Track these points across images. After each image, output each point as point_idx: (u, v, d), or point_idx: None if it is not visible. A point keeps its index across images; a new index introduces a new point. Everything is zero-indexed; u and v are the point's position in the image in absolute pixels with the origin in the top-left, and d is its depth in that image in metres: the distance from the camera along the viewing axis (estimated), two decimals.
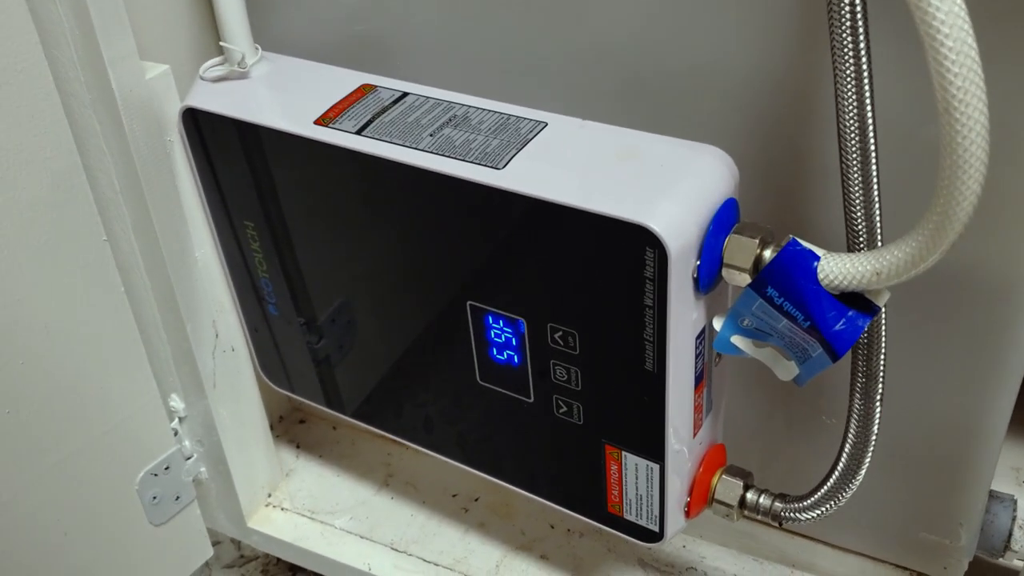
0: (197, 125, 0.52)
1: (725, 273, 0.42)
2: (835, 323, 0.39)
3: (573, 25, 0.48)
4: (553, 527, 0.65)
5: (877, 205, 0.41)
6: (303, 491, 0.69)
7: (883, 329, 0.43)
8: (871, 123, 0.39)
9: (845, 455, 0.46)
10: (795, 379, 0.44)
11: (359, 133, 0.47)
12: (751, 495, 0.49)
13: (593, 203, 0.41)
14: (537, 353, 0.48)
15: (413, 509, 0.67)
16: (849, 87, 0.39)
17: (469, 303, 0.48)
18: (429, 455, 0.58)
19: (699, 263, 0.41)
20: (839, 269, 0.39)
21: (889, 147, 0.40)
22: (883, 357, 0.44)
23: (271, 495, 0.69)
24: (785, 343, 0.42)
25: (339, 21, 0.55)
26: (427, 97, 0.49)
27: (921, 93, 0.34)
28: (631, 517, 0.51)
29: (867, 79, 0.39)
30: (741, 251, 0.41)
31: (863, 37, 0.38)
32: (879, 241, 0.41)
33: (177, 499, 0.62)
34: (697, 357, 0.45)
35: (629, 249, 0.40)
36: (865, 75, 0.39)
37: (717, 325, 0.44)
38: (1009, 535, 0.53)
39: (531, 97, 0.49)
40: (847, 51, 0.38)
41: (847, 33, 0.38)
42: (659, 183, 0.41)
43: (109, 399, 0.56)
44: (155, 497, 0.60)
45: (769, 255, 0.40)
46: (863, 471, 0.46)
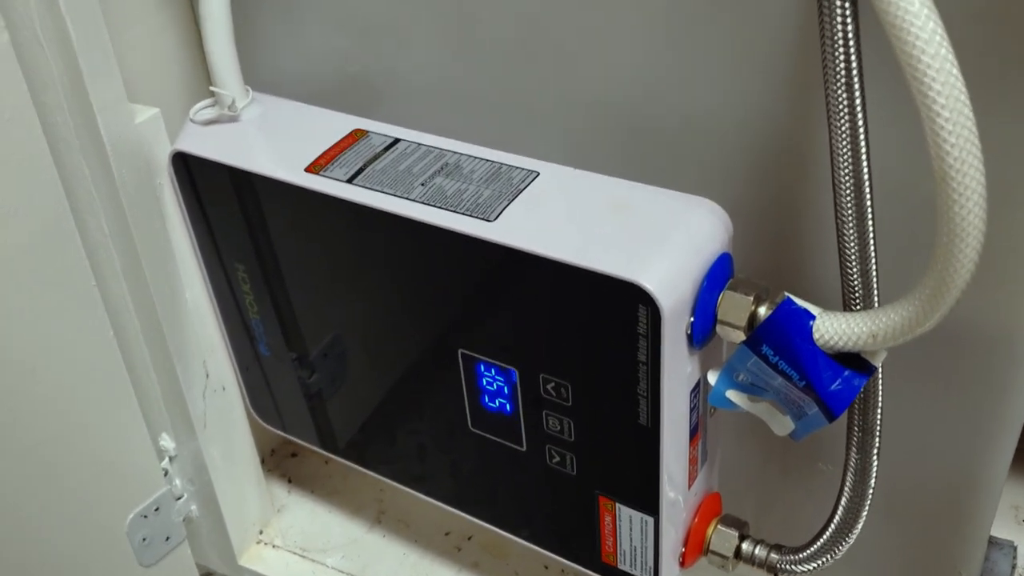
0: (187, 168, 0.52)
1: (719, 329, 0.41)
2: (831, 383, 0.39)
3: (568, 73, 0.47)
4: (547, 567, 0.64)
5: (873, 261, 0.40)
6: (295, 528, 0.68)
7: (880, 384, 0.43)
8: (867, 180, 0.39)
9: (842, 508, 0.46)
10: (791, 434, 0.43)
11: (350, 181, 0.46)
12: (747, 545, 0.49)
13: (586, 259, 0.40)
14: (529, 403, 0.47)
15: (405, 548, 0.66)
16: (844, 144, 0.38)
17: (461, 351, 0.48)
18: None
19: (693, 320, 0.40)
20: (835, 329, 0.38)
21: (887, 202, 0.40)
22: (879, 411, 0.43)
23: (262, 532, 0.68)
24: (781, 399, 0.42)
25: (332, 63, 0.54)
26: (419, 144, 0.48)
27: (918, 148, 0.33)
28: (625, 567, 0.50)
29: (863, 136, 0.38)
30: (735, 308, 0.40)
31: (859, 94, 0.38)
32: (875, 298, 0.41)
33: (167, 540, 0.62)
34: (692, 411, 0.44)
35: (622, 305, 0.40)
36: (861, 132, 0.38)
37: (712, 379, 0.43)
38: None
39: (524, 143, 0.48)
40: (842, 108, 0.38)
41: (842, 90, 0.38)
42: (652, 238, 0.41)
43: (97, 442, 0.55)
44: (145, 539, 0.60)
45: (764, 312, 0.40)
46: (860, 524, 0.46)
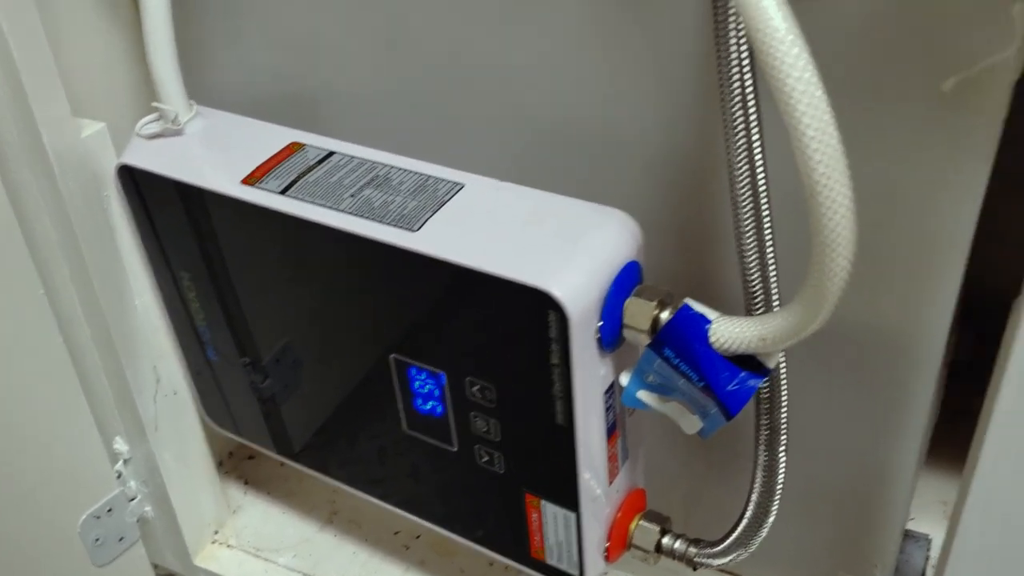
0: (134, 180, 0.54)
1: (626, 333, 0.43)
2: (727, 383, 0.41)
3: (494, 90, 0.50)
4: (492, 564, 0.66)
5: (772, 269, 0.42)
6: (249, 528, 0.70)
7: (783, 385, 0.45)
8: (764, 192, 0.41)
9: (752, 503, 0.48)
10: (699, 432, 0.45)
11: (283, 193, 0.48)
12: (667, 540, 0.51)
13: (499, 268, 0.42)
14: (458, 405, 0.49)
15: (356, 546, 0.68)
16: (741, 159, 0.40)
17: (393, 356, 0.50)
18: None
19: (601, 324, 0.43)
20: (728, 333, 0.40)
21: (785, 212, 0.42)
22: (784, 411, 0.46)
23: (217, 532, 0.70)
24: (687, 399, 0.44)
25: (273, 78, 0.56)
26: (352, 156, 0.50)
27: None
28: (553, 562, 0.52)
29: (759, 151, 0.40)
30: (639, 313, 0.42)
31: (754, 111, 0.40)
32: (774, 303, 0.43)
33: (121, 540, 0.64)
34: (608, 410, 0.46)
35: (533, 311, 0.42)
36: (756, 147, 0.40)
37: (624, 381, 0.45)
38: (922, 574, 0.55)
39: (453, 155, 0.50)
40: (738, 125, 0.40)
41: (738, 108, 0.40)
42: (563, 247, 0.43)
43: (48, 445, 0.57)
44: (98, 539, 0.62)
45: (666, 317, 0.42)
46: (771, 519, 0.48)
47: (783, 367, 0.44)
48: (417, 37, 0.51)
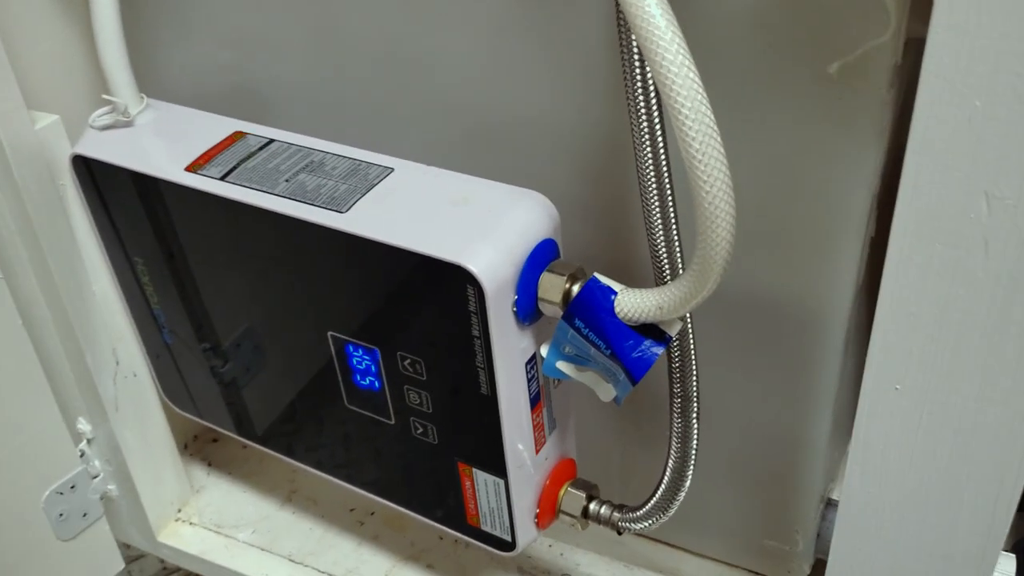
0: (88, 170, 0.56)
1: (541, 306, 0.46)
2: (632, 351, 0.44)
3: (422, 82, 0.53)
4: (441, 538, 0.69)
5: (677, 244, 0.45)
6: (211, 507, 0.73)
7: (692, 354, 0.48)
8: (667, 174, 0.44)
9: (669, 470, 0.51)
10: (614, 399, 0.48)
11: (223, 179, 0.51)
12: (593, 506, 0.54)
13: (420, 245, 0.45)
14: (392, 379, 0.52)
15: (312, 523, 0.71)
16: (644, 143, 0.43)
17: (331, 334, 0.53)
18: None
19: (516, 298, 0.45)
20: (631, 303, 0.43)
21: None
22: (696, 380, 0.48)
23: (180, 511, 0.73)
24: (600, 368, 0.47)
25: (218, 71, 0.59)
26: (290, 144, 0.53)
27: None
28: (487, 528, 0.55)
29: (660, 135, 0.43)
30: (552, 287, 0.45)
31: (655, 98, 0.42)
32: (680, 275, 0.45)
33: (84, 515, 0.66)
34: (530, 381, 0.49)
35: (453, 286, 0.45)
36: (658, 132, 0.43)
37: (543, 352, 0.48)
38: None
39: (386, 143, 0.53)
40: (640, 112, 0.42)
41: (640, 95, 0.42)
42: (482, 226, 0.46)
43: (10, 424, 0.60)
44: (62, 514, 0.64)
45: (577, 290, 0.45)
46: (687, 484, 0.50)
47: (692, 337, 0.47)
48: (351, 31, 0.53)
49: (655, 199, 0.44)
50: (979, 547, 0.39)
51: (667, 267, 0.45)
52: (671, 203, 0.44)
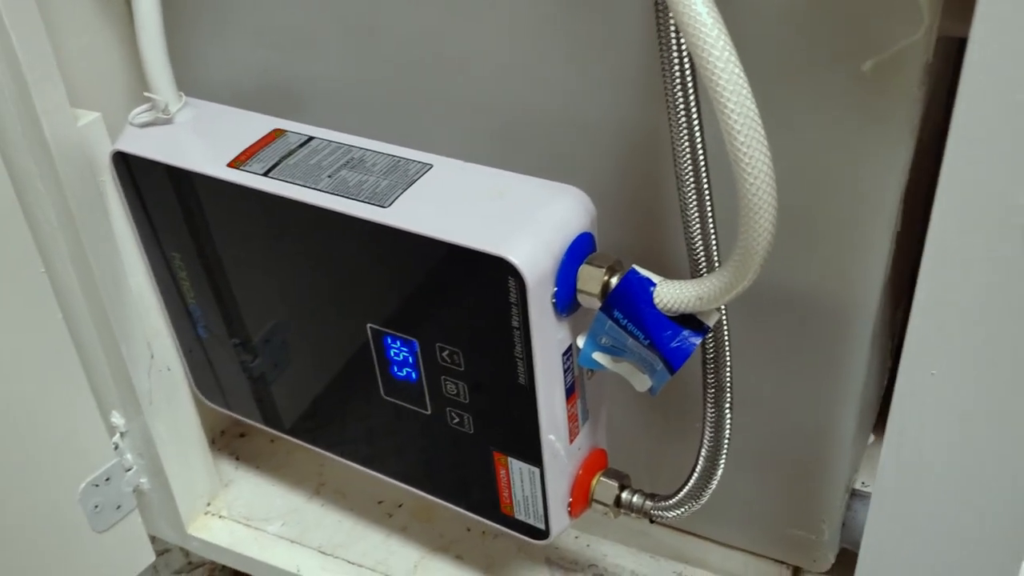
0: (128, 166, 0.58)
1: (580, 298, 0.47)
2: (670, 341, 0.45)
3: (460, 79, 0.54)
4: (469, 530, 0.70)
5: (713, 237, 0.46)
6: (240, 500, 0.74)
7: (727, 345, 0.49)
8: (704, 167, 0.45)
9: (702, 458, 0.52)
10: (649, 390, 0.49)
11: (266, 175, 0.52)
12: (626, 495, 0.55)
13: (463, 238, 0.46)
14: (430, 370, 0.53)
15: (341, 515, 0.72)
16: (682, 137, 0.44)
17: (369, 326, 0.54)
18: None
19: (556, 289, 0.47)
20: (670, 294, 0.44)
21: (728, 184, 0.46)
22: (729, 370, 0.49)
23: (210, 504, 0.74)
24: (636, 359, 0.48)
25: (256, 70, 0.60)
26: (329, 141, 0.54)
27: None
28: (521, 517, 0.56)
29: (698, 130, 0.44)
30: (591, 279, 0.46)
31: (692, 92, 0.44)
32: (716, 267, 0.47)
33: (118, 508, 0.67)
34: (566, 372, 0.50)
35: (494, 278, 0.46)
36: (696, 127, 0.44)
37: (580, 343, 0.49)
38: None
39: (425, 140, 0.54)
40: (679, 107, 0.44)
41: (678, 90, 0.43)
42: (521, 220, 0.47)
43: (49, 416, 0.61)
44: (97, 506, 0.65)
45: (616, 282, 0.46)
46: (719, 473, 0.52)
47: (726, 328, 0.48)
48: (388, 30, 0.54)
49: (692, 192, 0.45)
50: (1015, 533, 0.40)
51: (703, 259, 0.47)
52: (708, 195, 0.45)
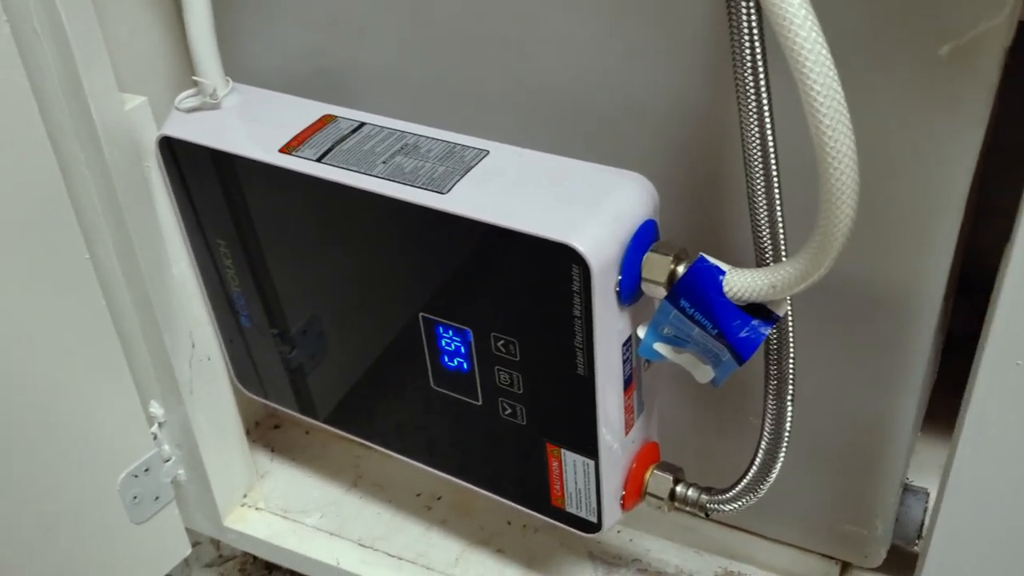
0: (173, 152, 0.57)
1: (644, 287, 0.46)
2: (739, 331, 0.44)
3: (515, 62, 0.53)
4: (510, 523, 0.69)
5: (780, 225, 0.45)
6: (276, 492, 0.73)
7: (791, 336, 0.48)
8: (773, 155, 0.44)
9: (762, 451, 0.51)
10: (711, 381, 0.48)
11: (319, 160, 0.51)
12: (680, 488, 0.54)
13: (525, 225, 0.45)
14: (483, 360, 0.52)
15: (380, 508, 0.71)
16: (752, 124, 0.43)
17: (421, 315, 0.53)
18: (394, 457, 0.62)
19: (620, 278, 0.46)
20: (741, 283, 0.43)
21: (793, 174, 0.45)
22: (792, 361, 0.49)
23: (246, 496, 0.73)
24: (700, 349, 0.47)
25: (304, 55, 0.59)
26: (382, 127, 0.53)
27: None
28: (572, 509, 0.55)
29: (768, 117, 0.43)
30: (656, 267, 0.45)
31: (763, 81, 0.43)
32: (783, 256, 0.46)
33: (156, 499, 0.66)
34: (625, 362, 0.49)
35: (557, 265, 0.45)
36: (766, 114, 0.43)
37: (641, 333, 0.48)
38: (921, 525, 0.58)
39: (478, 126, 0.53)
40: (749, 93, 0.43)
41: (749, 77, 0.42)
42: (584, 206, 0.46)
43: (90, 405, 0.60)
44: (135, 497, 0.65)
45: (682, 270, 0.45)
46: (778, 465, 0.51)
47: (790, 318, 0.47)
48: (440, 11, 0.54)
49: (760, 179, 0.44)
50: None
51: (769, 247, 0.46)
52: (776, 183, 0.45)
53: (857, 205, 0.38)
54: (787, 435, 0.50)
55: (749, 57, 0.43)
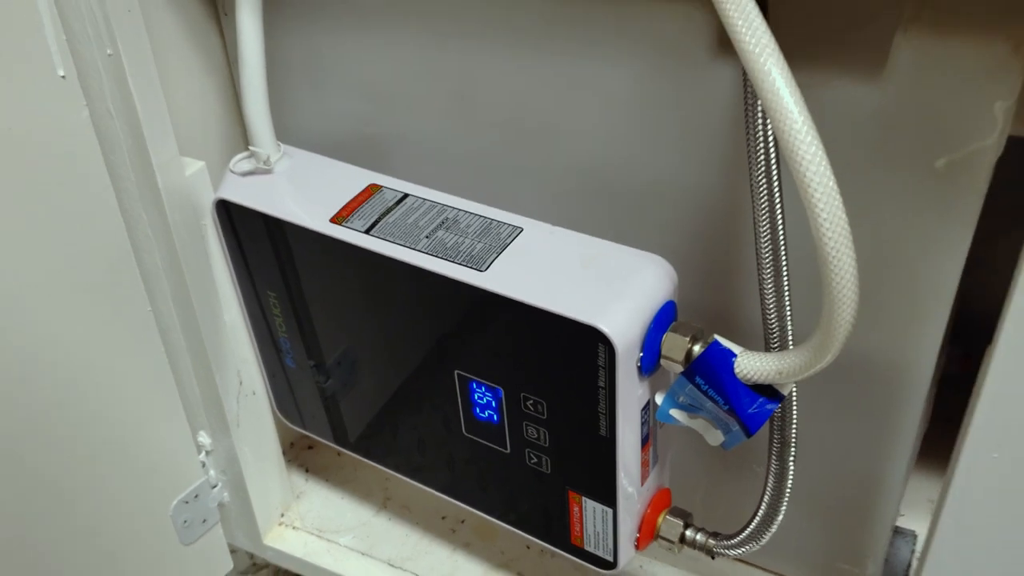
0: (228, 213, 0.62)
1: (663, 363, 0.51)
2: (748, 407, 0.49)
3: (550, 144, 0.57)
4: (529, 548, 0.75)
5: (788, 311, 0.50)
6: (312, 512, 0.79)
7: (794, 407, 0.53)
8: (783, 245, 0.49)
9: (764, 504, 0.56)
10: (722, 445, 0.53)
11: (368, 232, 0.56)
12: (690, 532, 0.59)
13: (558, 306, 0.50)
14: (512, 414, 0.57)
15: (407, 529, 0.77)
16: (764, 215, 0.48)
17: (457, 372, 0.58)
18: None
19: (642, 354, 0.51)
20: (751, 366, 0.48)
21: (801, 263, 0.50)
22: (795, 427, 0.54)
23: (283, 515, 0.78)
24: (712, 417, 0.52)
25: (350, 123, 0.64)
26: (424, 199, 0.58)
27: None
28: (590, 549, 0.61)
29: (779, 210, 0.48)
30: (675, 347, 0.50)
31: (776, 178, 0.47)
32: (790, 341, 0.51)
33: (204, 522, 0.72)
34: (643, 424, 0.54)
35: (585, 343, 0.50)
36: (778, 207, 0.48)
37: (659, 400, 0.53)
38: (908, 565, 0.63)
39: (512, 198, 0.58)
40: (762, 187, 0.47)
41: (762, 173, 0.47)
42: (611, 289, 0.51)
43: (148, 439, 0.65)
44: (185, 521, 0.70)
45: (698, 350, 0.50)
46: (779, 518, 0.56)
47: (794, 391, 0.52)
48: (481, 94, 0.58)
49: (770, 269, 0.49)
50: None
51: (776, 332, 0.51)
52: (785, 273, 0.49)
53: (857, 312, 0.43)
54: (788, 491, 0.55)
55: (763, 162, 0.47)
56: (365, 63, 0.61)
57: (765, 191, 0.48)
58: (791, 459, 0.54)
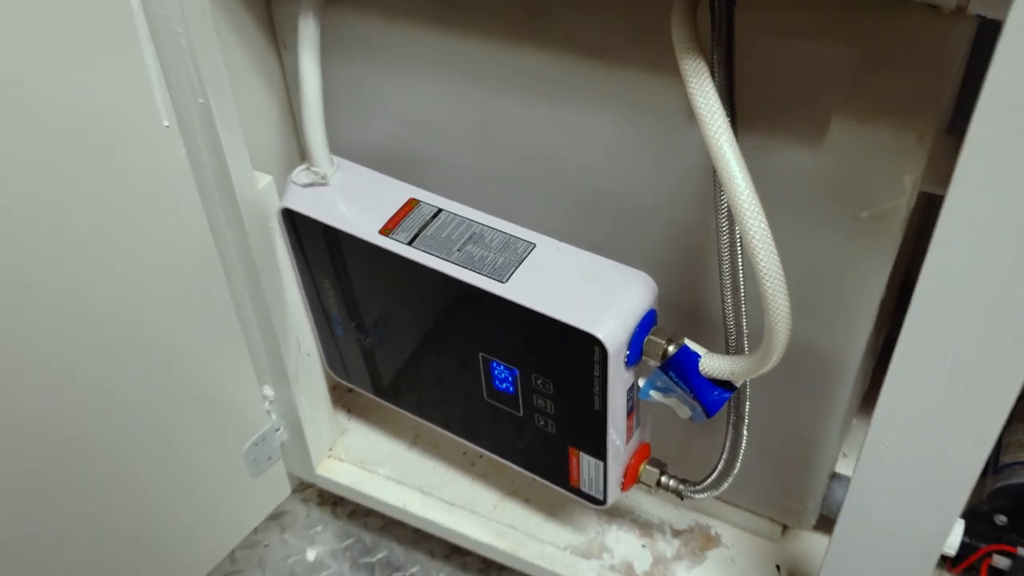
0: (292, 219, 0.75)
1: (644, 359, 0.65)
2: (709, 395, 0.63)
3: (556, 170, 0.70)
4: (535, 479, 0.90)
5: (744, 320, 0.64)
6: (355, 447, 0.94)
7: (747, 390, 0.67)
8: (740, 262, 0.62)
9: (722, 462, 0.71)
10: (689, 419, 0.68)
11: (410, 244, 0.69)
12: (664, 479, 0.75)
13: (564, 315, 0.64)
14: (525, 388, 0.72)
15: (435, 463, 0.92)
16: (724, 242, 0.61)
17: (481, 354, 0.72)
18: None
19: (628, 352, 0.65)
20: (711, 366, 0.62)
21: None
22: (748, 404, 0.68)
23: (331, 449, 0.94)
24: (682, 399, 0.66)
25: (390, 142, 0.76)
26: (454, 214, 0.71)
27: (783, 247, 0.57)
28: (586, 489, 0.76)
29: (739, 238, 0.61)
30: (654, 348, 0.64)
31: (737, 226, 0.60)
32: (745, 345, 0.64)
33: (269, 459, 0.88)
34: (628, 401, 0.69)
35: (584, 345, 0.64)
36: (737, 236, 0.61)
37: (641, 383, 0.68)
38: (842, 503, 0.79)
39: (525, 211, 0.71)
40: (724, 215, 0.60)
41: (724, 207, 0.60)
42: (607, 302, 0.64)
43: (226, 393, 0.81)
44: (255, 459, 0.86)
45: (672, 350, 0.64)
46: (734, 472, 0.71)
47: (747, 380, 0.66)
48: (500, 126, 0.70)
49: (728, 283, 0.62)
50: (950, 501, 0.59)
51: (734, 333, 0.64)
52: (742, 288, 0.63)
53: (790, 335, 0.57)
54: (741, 454, 0.70)
55: (725, 202, 0.60)
56: (402, 95, 0.73)
57: (727, 222, 0.61)
58: (744, 429, 0.69)
